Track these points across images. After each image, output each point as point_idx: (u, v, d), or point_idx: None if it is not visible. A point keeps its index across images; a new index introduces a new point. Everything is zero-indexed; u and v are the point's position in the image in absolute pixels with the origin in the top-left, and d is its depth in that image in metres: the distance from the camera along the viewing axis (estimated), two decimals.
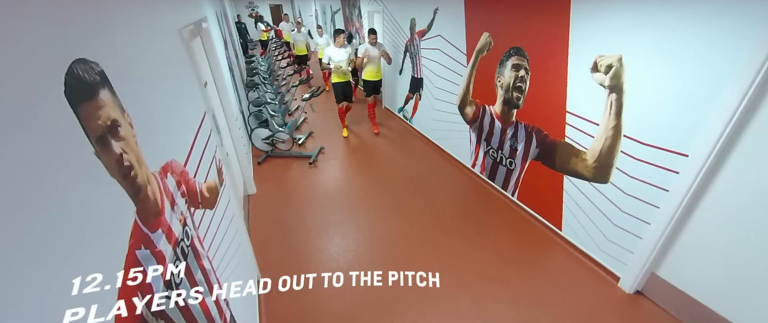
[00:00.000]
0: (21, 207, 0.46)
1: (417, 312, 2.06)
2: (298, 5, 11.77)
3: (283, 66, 6.97)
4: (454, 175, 3.72)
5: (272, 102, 4.94)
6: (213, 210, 1.48)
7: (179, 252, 0.97)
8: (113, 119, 0.72)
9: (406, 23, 4.47)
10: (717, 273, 1.74)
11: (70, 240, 0.54)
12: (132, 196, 0.75)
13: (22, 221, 0.45)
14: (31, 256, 0.46)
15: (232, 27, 7.34)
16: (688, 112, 1.68)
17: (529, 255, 2.53)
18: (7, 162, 0.44)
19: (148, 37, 1.15)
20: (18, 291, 0.43)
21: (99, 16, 0.79)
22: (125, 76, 0.83)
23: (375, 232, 2.81)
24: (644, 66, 1.82)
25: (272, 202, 3.28)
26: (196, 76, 1.80)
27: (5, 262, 0.42)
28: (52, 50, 0.58)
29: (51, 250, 0.50)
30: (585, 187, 2.34)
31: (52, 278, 0.49)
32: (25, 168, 0.47)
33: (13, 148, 0.46)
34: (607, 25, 1.96)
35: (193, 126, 1.48)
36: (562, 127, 2.41)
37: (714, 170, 1.65)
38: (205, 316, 1.09)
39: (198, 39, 2.58)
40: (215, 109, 2.64)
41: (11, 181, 0.45)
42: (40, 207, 0.49)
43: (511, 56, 2.76)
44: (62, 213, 0.53)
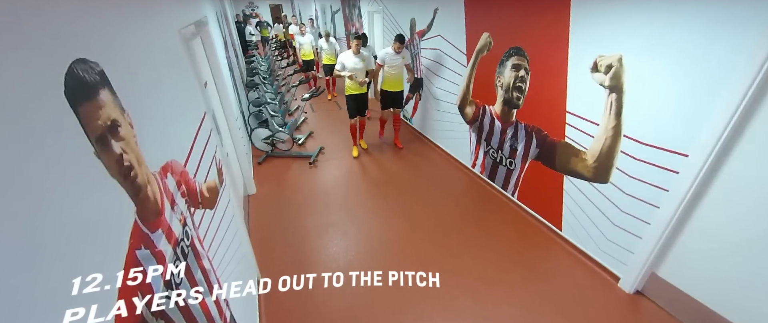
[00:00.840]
0: (21, 207, 0.46)
1: (417, 312, 2.06)
2: (298, 5, 11.77)
3: (283, 66, 6.96)
4: (454, 175, 3.72)
5: (272, 102, 4.94)
6: (213, 210, 1.48)
7: (179, 252, 0.97)
8: (113, 119, 0.72)
9: (406, 23, 4.48)
10: (717, 273, 1.74)
11: (70, 240, 0.54)
12: (132, 196, 0.75)
13: (22, 221, 0.45)
14: (31, 256, 0.46)
15: (232, 27, 7.34)
16: (688, 111, 1.68)
17: (529, 256, 2.53)
18: (7, 162, 0.44)
19: (148, 36, 1.15)
20: (18, 291, 0.43)
21: (99, 16, 0.79)
22: (125, 76, 0.83)
23: (375, 232, 2.81)
24: (644, 66, 1.82)
25: (272, 202, 3.28)
26: (196, 76, 1.80)
27: (5, 262, 0.42)
28: (52, 50, 0.58)
29: (51, 250, 0.50)
30: (585, 187, 2.34)
31: (52, 278, 0.49)
32: (25, 168, 0.47)
33: (13, 147, 0.46)
34: (607, 25, 1.96)
35: (193, 126, 1.48)
36: (562, 127, 2.41)
37: (714, 170, 1.65)
38: (205, 316, 1.09)
39: (198, 39, 2.58)
40: (215, 109, 2.64)
41: (11, 181, 0.45)
42: (39, 207, 0.49)
43: (511, 56, 2.76)
44: (62, 213, 0.53)
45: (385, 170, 3.84)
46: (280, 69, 6.90)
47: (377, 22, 5.67)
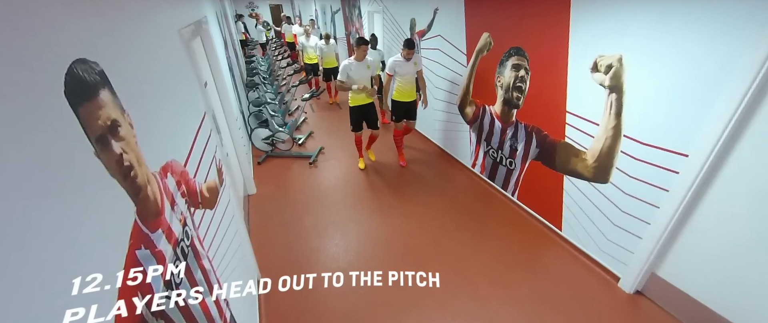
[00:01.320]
0: (21, 207, 0.46)
1: (417, 312, 2.06)
2: (298, 5, 11.77)
3: (283, 66, 6.95)
4: (454, 175, 3.72)
5: (272, 102, 4.95)
6: (213, 210, 1.48)
7: (179, 252, 0.97)
8: (113, 119, 0.72)
9: (406, 23, 4.47)
10: (717, 273, 1.74)
11: (70, 240, 0.54)
12: (132, 196, 0.75)
13: (22, 221, 0.45)
14: (31, 256, 0.46)
15: (232, 27, 7.33)
16: (688, 111, 1.68)
17: (529, 256, 2.53)
18: (7, 162, 0.44)
19: (148, 36, 1.15)
20: (18, 291, 0.43)
21: (99, 16, 0.79)
22: (125, 76, 0.83)
23: (375, 232, 2.81)
24: (644, 66, 1.82)
25: (272, 202, 3.28)
26: (196, 76, 1.80)
27: (5, 262, 0.42)
28: (52, 50, 0.58)
29: (51, 250, 0.50)
30: (585, 187, 2.34)
31: (52, 278, 0.49)
32: (25, 168, 0.47)
33: (13, 147, 0.46)
34: (607, 25, 1.96)
35: (193, 126, 1.48)
36: (562, 126, 2.41)
37: (714, 170, 1.65)
38: (205, 316, 1.09)
39: (198, 39, 2.58)
40: (215, 109, 2.64)
41: (11, 181, 0.45)
42: (39, 207, 0.49)
43: (511, 56, 2.76)
44: (62, 213, 0.53)
45: (385, 170, 3.83)
46: (280, 69, 6.89)
47: (377, 22, 5.66)
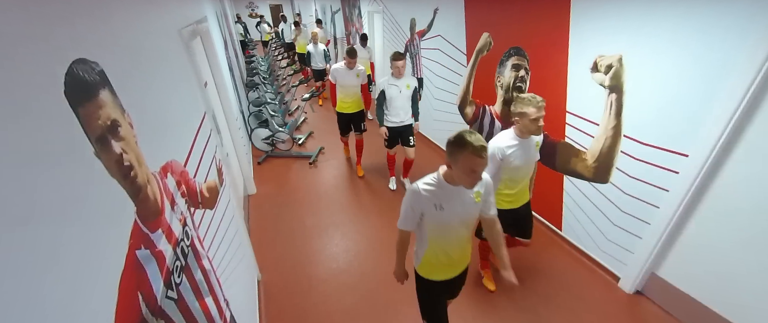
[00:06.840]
0: (21, 207, 0.46)
1: (417, 312, 2.06)
2: (298, 5, 11.77)
3: (283, 66, 6.95)
4: None
5: (272, 102, 4.95)
6: (213, 210, 1.48)
7: (179, 252, 0.97)
8: (113, 119, 0.72)
9: (406, 23, 4.48)
10: (717, 273, 1.74)
11: (70, 240, 0.54)
12: (132, 196, 0.75)
13: (22, 221, 0.45)
14: (31, 256, 0.46)
15: (232, 27, 7.33)
16: (688, 112, 1.68)
17: (529, 255, 2.52)
18: (7, 162, 0.44)
19: (148, 37, 1.15)
20: (18, 291, 0.43)
21: (99, 16, 0.79)
22: (125, 76, 0.83)
23: (375, 232, 2.81)
24: (644, 66, 1.82)
25: (272, 202, 3.28)
26: (196, 76, 1.80)
27: (5, 262, 0.42)
28: (52, 50, 0.58)
29: (51, 250, 0.50)
30: (585, 187, 2.34)
31: (51, 278, 0.49)
32: (25, 168, 0.47)
33: (13, 147, 0.46)
34: (607, 25, 1.96)
35: (193, 126, 1.48)
36: (562, 127, 2.41)
37: (714, 170, 1.65)
38: (205, 316, 1.09)
39: (198, 39, 2.58)
40: (215, 109, 2.64)
41: (11, 181, 0.45)
42: (39, 207, 0.49)
43: (511, 56, 2.76)
44: (62, 213, 0.53)
45: (385, 170, 3.83)
46: (280, 69, 6.89)
47: (377, 22, 5.66)
